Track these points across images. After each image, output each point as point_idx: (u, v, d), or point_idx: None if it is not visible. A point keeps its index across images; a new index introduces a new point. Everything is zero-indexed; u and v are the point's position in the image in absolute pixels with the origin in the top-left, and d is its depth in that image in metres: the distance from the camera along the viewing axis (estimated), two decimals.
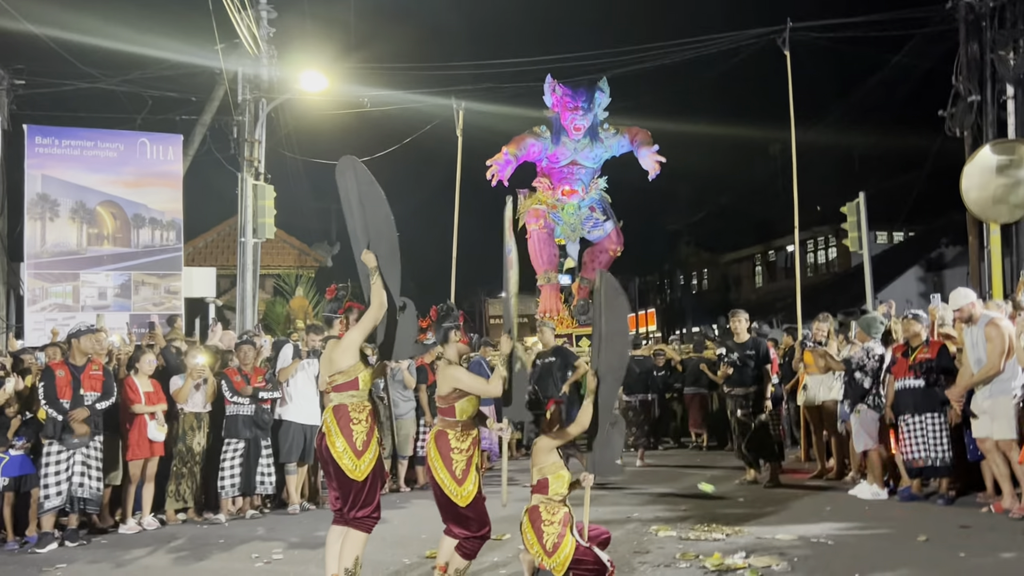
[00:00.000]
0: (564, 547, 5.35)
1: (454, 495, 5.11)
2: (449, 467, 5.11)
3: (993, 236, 13.70)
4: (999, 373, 7.46)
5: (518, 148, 17.09)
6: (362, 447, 4.99)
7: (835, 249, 36.29)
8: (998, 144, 13.33)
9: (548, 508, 5.45)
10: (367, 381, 5.14)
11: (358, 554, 4.99)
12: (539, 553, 5.38)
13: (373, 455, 5.03)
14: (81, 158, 15.46)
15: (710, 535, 6.84)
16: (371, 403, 5.19)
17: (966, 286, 9.55)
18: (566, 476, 5.51)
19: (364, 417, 5.07)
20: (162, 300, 15.58)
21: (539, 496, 5.53)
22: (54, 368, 7.69)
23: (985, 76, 13.95)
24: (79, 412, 7.49)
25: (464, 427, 5.22)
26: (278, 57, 16.03)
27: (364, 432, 5.02)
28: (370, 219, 5.36)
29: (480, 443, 5.30)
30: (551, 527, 5.37)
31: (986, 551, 6.09)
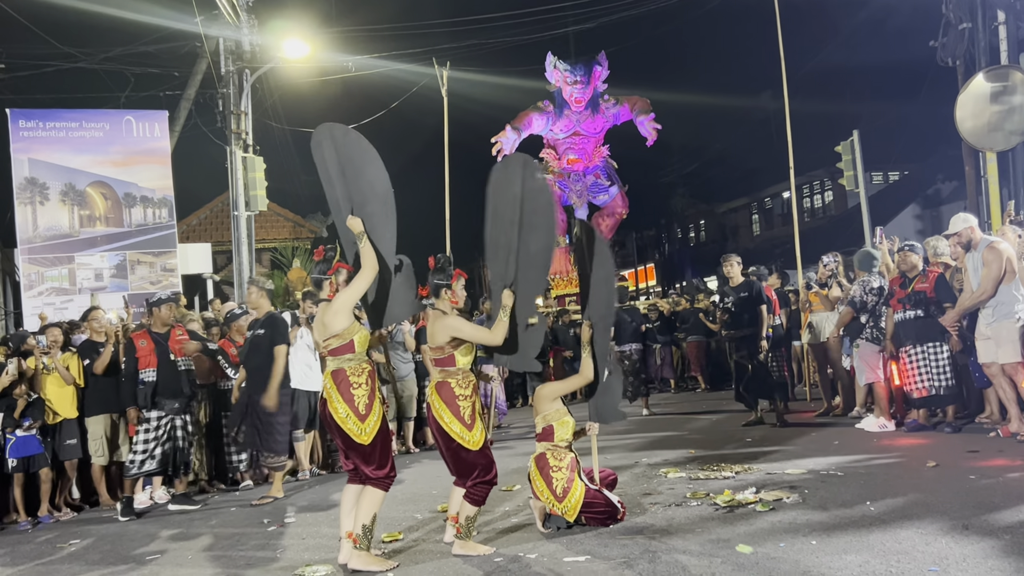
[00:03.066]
0: (574, 492, 5.42)
1: (465, 440, 5.05)
2: (457, 414, 5.06)
3: (990, 165, 13.58)
4: (991, 297, 7.43)
5: (521, 123, 17.94)
6: (365, 410, 4.89)
7: (831, 192, 36.18)
8: (991, 71, 13.16)
9: (555, 455, 5.53)
10: (363, 342, 5.03)
11: (375, 512, 4.94)
12: (550, 499, 5.42)
13: (377, 416, 4.94)
14: (67, 140, 15.30)
15: (719, 474, 6.85)
16: (369, 363, 5.07)
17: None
18: (570, 422, 5.59)
19: (364, 380, 4.95)
20: (159, 278, 15.51)
21: (545, 444, 5.60)
22: (135, 339, 7.86)
23: (975, 2, 13.74)
24: (190, 345, 7.99)
25: (464, 374, 5.19)
26: (259, 25, 15.83)
27: (365, 395, 4.92)
28: (352, 184, 5.25)
29: (477, 389, 5.27)
30: (559, 473, 5.45)
31: (995, 472, 6.10)
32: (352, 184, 5.27)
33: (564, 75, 17.84)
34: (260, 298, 7.95)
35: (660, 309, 16.12)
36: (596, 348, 5.71)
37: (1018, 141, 13.13)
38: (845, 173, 15.47)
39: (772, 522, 5.18)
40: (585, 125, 18.28)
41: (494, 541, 5.36)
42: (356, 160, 5.28)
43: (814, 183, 37.10)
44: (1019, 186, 13.72)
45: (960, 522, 4.78)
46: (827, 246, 13.53)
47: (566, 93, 17.88)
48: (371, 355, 5.25)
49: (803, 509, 5.46)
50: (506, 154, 17.41)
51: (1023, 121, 12.85)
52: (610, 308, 5.94)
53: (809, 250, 13.62)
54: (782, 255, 27.08)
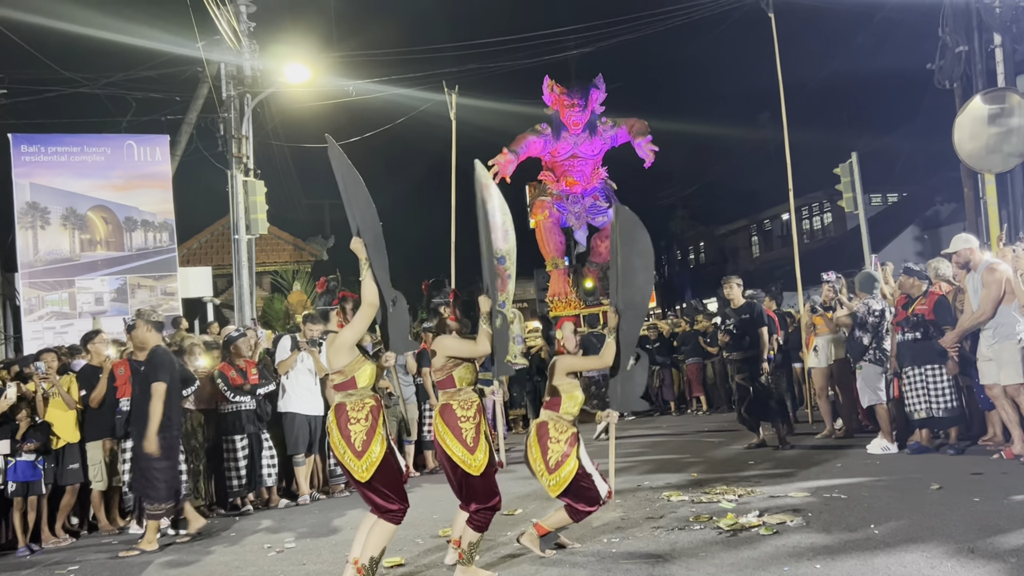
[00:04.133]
0: (566, 467, 5.40)
1: (467, 464, 4.98)
2: (459, 436, 5.02)
3: (989, 187, 13.64)
4: (990, 319, 7.43)
5: (518, 146, 17.92)
6: (361, 447, 4.77)
7: (830, 214, 36.22)
8: (988, 94, 13.24)
9: (557, 426, 5.51)
10: (366, 377, 4.94)
11: (384, 545, 4.88)
12: (541, 469, 5.44)
13: (377, 455, 4.79)
14: (68, 164, 15.34)
15: (722, 497, 6.82)
16: (374, 399, 4.96)
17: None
18: (579, 398, 5.58)
19: (363, 416, 4.84)
20: (159, 302, 15.47)
21: (549, 412, 5.57)
22: (115, 367, 8.03)
23: (972, 26, 13.84)
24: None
25: (466, 395, 5.15)
26: (260, 51, 15.95)
27: (363, 431, 4.80)
28: (355, 205, 5.23)
29: (484, 411, 5.23)
30: (556, 445, 5.44)
31: (999, 495, 6.07)
32: (355, 204, 5.24)
33: (562, 98, 17.85)
34: (146, 332, 7.34)
35: (660, 330, 16.15)
36: (621, 335, 5.64)
37: (1016, 163, 13.19)
38: (844, 195, 15.48)
39: (776, 546, 5.15)
40: (583, 147, 18.35)
41: (496, 566, 5.32)
42: (352, 183, 5.27)
43: (813, 205, 37.17)
44: (1018, 207, 13.76)
45: (965, 545, 4.75)
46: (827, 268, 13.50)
47: (564, 116, 17.92)
48: (376, 388, 5.13)
49: (807, 533, 5.43)
50: (503, 176, 17.50)
51: (1021, 143, 12.92)
52: (645, 297, 5.83)
53: (809, 272, 13.60)
54: (782, 277, 27.08)
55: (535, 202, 18.72)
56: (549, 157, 18.54)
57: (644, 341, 15.46)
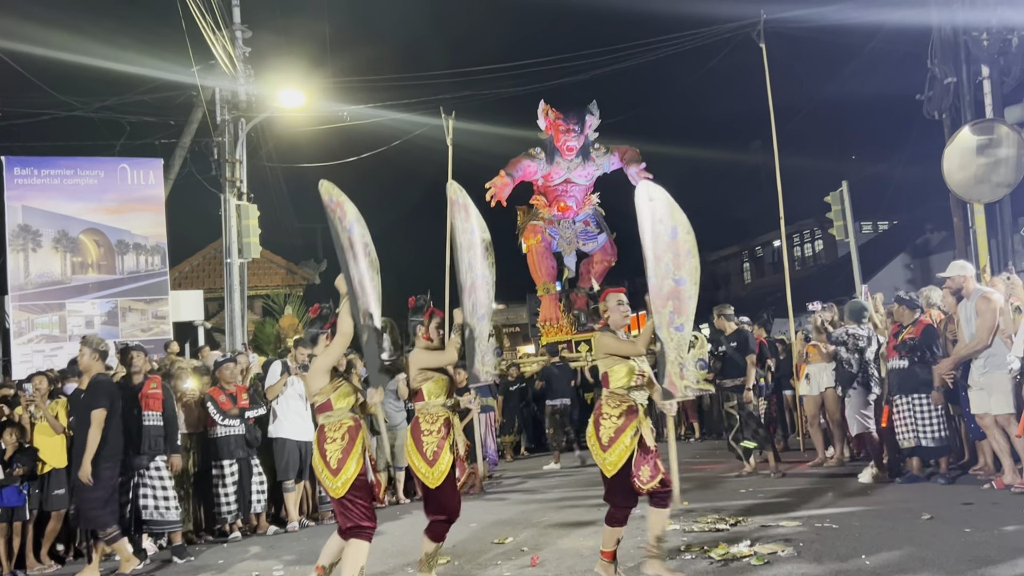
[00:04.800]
0: (619, 445, 5.13)
1: (424, 476, 5.21)
2: (420, 448, 5.23)
3: (978, 216, 13.74)
4: (987, 347, 7.45)
5: (514, 170, 17.81)
6: (336, 465, 4.93)
7: (821, 241, 36.39)
8: (977, 124, 13.38)
9: (610, 401, 5.28)
10: (342, 399, 5.09)
11: (361, 564, 4.92)
12: (595, 447, 5.24)
13: (352, 472, 4.93)
14: (61, 187, 15.35)
15: (714, 526, 6.80)
16: (352, 419, 5.09)
17: None
18: (625, 369, 5.28)
19: (339, 436, 5.00)
20: (150, 326, 15.45)
21: (602, 390, 5.39)
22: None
23: (960, 58, 14.01)
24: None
25: (434, 409, 5.33)
26: (255, 76, 16.02)
27: (339, 450, 4.96)
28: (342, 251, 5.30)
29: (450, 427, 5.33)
30: (608, 420, 5.20)
31: (991, 525, 6.06)
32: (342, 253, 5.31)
33: (557, 123, 17.80)
34: (92, 360, 7.09)
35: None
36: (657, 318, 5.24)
37: (1004, 193, 13.31)
38: (835, 223, 15.59)
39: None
40: (576, 173, 18.31)
41: None
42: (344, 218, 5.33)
43: (804, 232, 37.34)
44: (1006, 237, 13.86)
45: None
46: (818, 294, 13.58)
47: (558, 141, 17.87)
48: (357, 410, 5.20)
49: (798, 563, 5.41)
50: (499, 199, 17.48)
51: (1009, 173, 13.04)
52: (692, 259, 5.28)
53: (800, 298, 13.64)
54: (773, 303, 27.16)
55: (527, 226, 18.56)
56: (542, 181, 18.49)
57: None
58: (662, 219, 5.28)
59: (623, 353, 5.30)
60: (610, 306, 5.48)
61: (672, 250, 5.22)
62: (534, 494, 10.00)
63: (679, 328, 5.16)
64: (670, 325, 5.17)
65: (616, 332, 5.40)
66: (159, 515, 7.60)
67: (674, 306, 5.17)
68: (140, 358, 7.91)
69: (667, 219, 5.27)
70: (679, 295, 5.18)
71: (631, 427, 5.15)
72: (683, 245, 5.23)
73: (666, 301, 5.18)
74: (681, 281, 5.20)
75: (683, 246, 5.23)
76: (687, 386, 5.14)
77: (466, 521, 8.17)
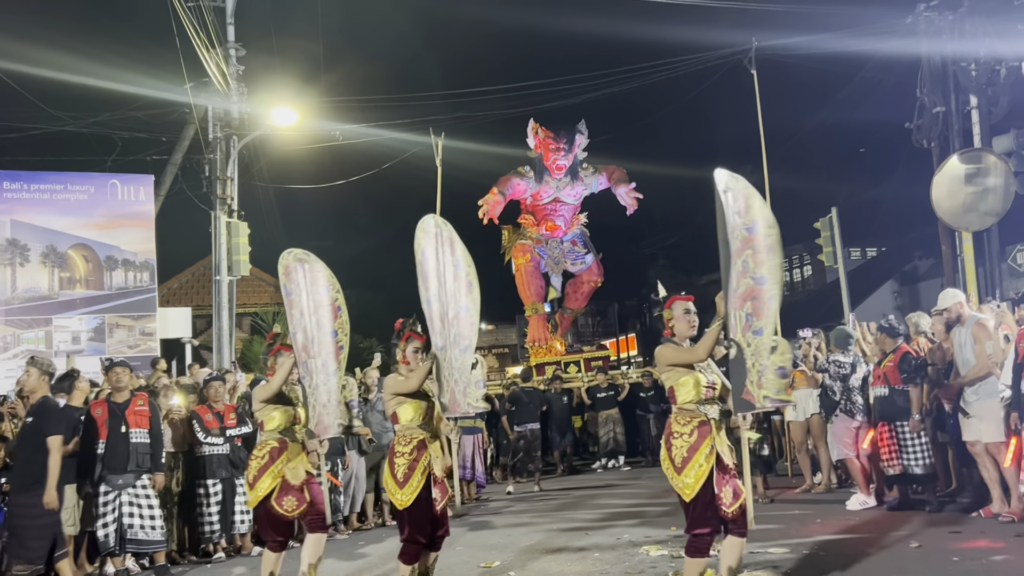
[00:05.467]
0: (694, 465, 4.70)
1: (393, 496, 5.29)
2: (392, 470, 5.31)
3: (966, 244, 13.86)
4: (989, 374, 7.47)
5: (505, 187, 17.68)
6: (252, 480, 5.70)
7: (810, 267, 36.55)
8: (965, 154, 13.52)
9: (679, 418, 4.88)
10: (273, 423, 5.80)
11: (270, 569, 5.77)
12: (669, 470, 4.82)
13: (264, 488, 5.64)
14: (51, 202, 15.29)
15: None
16: (276, 442, 5.76)
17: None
18: (691, 381, 4.86)
19: (262, 454, 5.73)
20: (137, 342, 15.36)
21: (673, 407, 4.97)
22: (92, 408, 7.82)
23: (949, 87, 14.17)
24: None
25: (408, 431, 5.40)
26: (248, 94, 16.03)
27: (256, 468, 5.70)
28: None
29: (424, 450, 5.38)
30: (680, 439, 4.79)
31: (978, 555, 6.06)
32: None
33: (547, 141, 17.67)
34: (39, 381, 6.77)
35: (654, 377, 15.79)
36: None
37: (992, 222, 13.43)
38: (824, 249, 15.69)
39: None
40: (565, 192, 18.18)
41: None
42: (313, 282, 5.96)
43: (793, 257, 37.48)
44: (994, 265, 13.97)
45: None
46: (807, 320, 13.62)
47: (548, 160, 17.73)
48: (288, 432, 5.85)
49: None
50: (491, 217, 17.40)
51: (997, 202, 13.17)
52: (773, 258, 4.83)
53: (789, 324, 13.65)
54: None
55: (515, 245, 18.39)
56: (531, 200, 18.34)
57: (638, 388, 15.35)
58: (739, 212, 4.84)
59: (683, 363, 4.90)
60: (675, 314, 5.09)
61: (751, 246, 4.78)
62: (521, 516, 9.94)
63: (758, 332, 4.69)
64: (747, 329, 4.72)
65: (681, 343, 5.00)
66: (144, 534, 7.52)
67: (752, 307, 4.73)
68: (125, 374, 7.83)
69: (745, 212, 4.82)
70: (758, 295, 4.73)
71: (705, 444, 4.74)
72: (764, 240, 4.77)
73: (743, 302, 4.75)
74: (761, 280, 4.74)
75: (764, 241, 4.77)
76: (766, 396, 4.67)
77: (452, 544, 8.11)
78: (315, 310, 5.94)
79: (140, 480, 7.59)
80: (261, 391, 5.85)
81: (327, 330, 5.90)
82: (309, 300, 5.94)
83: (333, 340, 5.88)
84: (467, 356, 5.58)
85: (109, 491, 7.50)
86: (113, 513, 7.46)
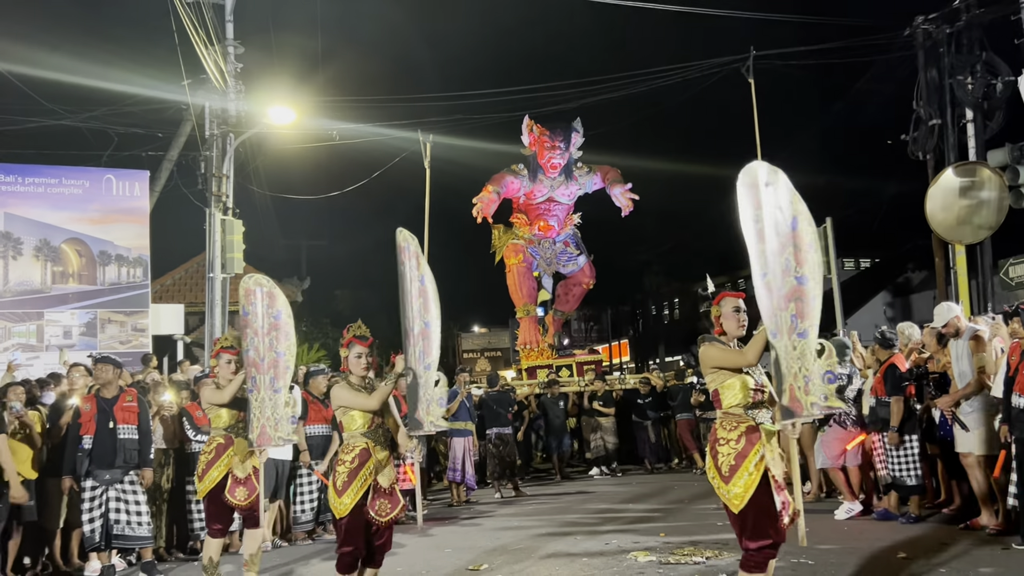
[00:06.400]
0: (743, 473, 4.45)
1: (334, 506, 5.24)
2: (334, 478, 5.28)
3: (959, 257, 13.92)
4: (983, 388, 7.49)
5: (499, 185, 17.38)
6: (201, 473, 6.40)
7: None
8: (960, 167, 13.59)
9: (725, 423, 4.64)
10: (221, 420, 6.50)
11: (210, 554, 6.46)
12: (716, 479, 4.58)
13: (211, 480, 6.33)
14: (45, 195, 15.23)
15: (690, 559, 6.77)
16: (222, 439, 6.43)
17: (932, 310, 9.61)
18: (739, 384, 4.63)
19: (210, 449, 6.45)
20: (129, 338, 15.31)
21: (718, 412, 4.74)
22: (82, 403, 7.72)
23: (945, 101, 14.24)
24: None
25: (352, 439, 5.33)
26: (245, 91, 15.98)
27: (204, 463, 6.41)
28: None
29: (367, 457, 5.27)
30: (727, 446, 4.55)
31: (965, 567, 6.08)
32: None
33: (542, 139, 17.31)
34: None
35: (652, 384, 15.45)
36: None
37: (986, 235, 13.49)
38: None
39: None
40: (559, 191, 17.81)
41: None
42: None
43: None
44: (987, 278, 14.03)
45: None
46: None
47: (543, 158, 17.38)
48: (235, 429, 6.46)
49: None
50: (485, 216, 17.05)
51: (991, 216, 13.23)
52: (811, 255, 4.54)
53: None
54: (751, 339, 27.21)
55: (507, 245, 17.97)
56: (524, 199, 17.97)
57: (635, 395, 15.19)
58: (781, 207, 4.57)
59: (731, 365, 4.64)
60: (724, 312, 4.80)
61: (792, 243, 4.53)
62: (510, 520, 9.93)
63: (802, 334, 4.43)
64: (792, 331, 4.46)
65: (729, 344, 4.77)
66: (131, 530, 7.48)
67: (796, 308, 4.46)
68: (108, 370, 7.75)
69: (787, 207, 4.57)
70: (802, 296, 4.47)
71: (755, 451, 4.49)
72: (805, 237, 4.53)
73: (787, 303, 4.49)
74: (804, 279, 4.48)
75: (805, 238, 4.53)
76: (813, 403, 4.40)
77: (441, 546, 8.13)
78: (268, 331, 6.35)
79: (128, 476, 7.55)
80: (213, 396, 6.49)
81: (278, 350, 6.34)
82: (263, 322, 6.35)
83: (282, 360, 6.33)
84: (430, 373, 5.48)
85: (96, 486, 7.45)
86: (100, 508, 7.42)
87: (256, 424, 6.20)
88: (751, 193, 4.64)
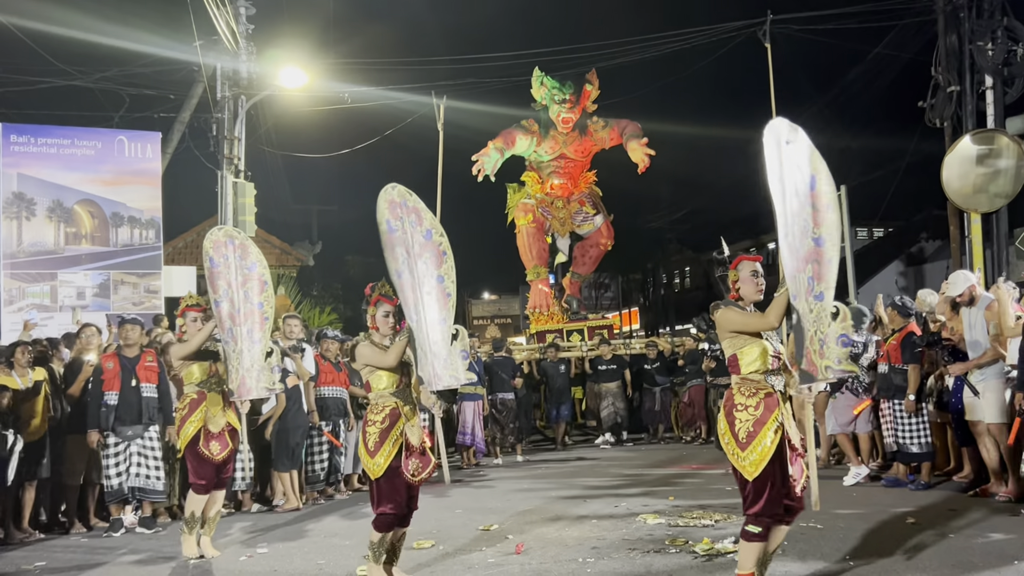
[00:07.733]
0: (760, 441, 4.37)
1: (368, 466, 5.22)
2: (364, 439, 5.23)
3: (974, 226, 13.79)
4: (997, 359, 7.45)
5: (504, 142, 16.59)
6: (177, 429, 6.55)
7: None
8: (978, 134, 13.41)
9: (743, 389, 4.55)
10: (192, 376, 6.49)
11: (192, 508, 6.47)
12: (731, 445, 4.51)
13: (188, 435, 6.38)
14: (58, 156, 15.22)
15: (699, 522, 6.82)
16: (196, 394, 6.45)
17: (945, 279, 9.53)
18: (758, 350, 4.55)
19: (184, 405, 6.50)
20: (142, 299, 15.37)
21: (733, 377, 4.65)
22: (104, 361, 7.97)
23: (964, 67, 14.02)
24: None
25: (380, 400, 5.28)
26: (257, 53, 15.90)
27: (179, 419, 6.53)
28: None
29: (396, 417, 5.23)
30: (745, 412, 4.47)
31: (974, 532, 6.09)
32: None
33: (552, 92, 16.52)
34: None
35: (660, 348, 14.87)
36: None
37: (1002, 204, 13.35)
38: None
39: None
40: (572, 147, 16.94)
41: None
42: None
43: None
44: (1002, 247, 13.91)
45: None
46: None
47: (553, 112, 16.59)
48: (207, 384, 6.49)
49: (782, 561, 5.42)
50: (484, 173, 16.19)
51: (1008, 184, 13.08)
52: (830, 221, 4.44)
53: None
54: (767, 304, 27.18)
55: (518, 205, 17.15)
56: (534, 156, 17.10)
57: (643, 360, 14.61)
58: (800, 166, 4.45)
59: (751, 329, 4.55)
60: (742, 276, 4.69)
61: (811, 203, 4.42)
62: (521, 483, 10.01)
63: (819, 297, 4.35)
64: (809, 293, 4.38)
65: (745, 308, 4.68)
66: (149, 484, 7.75)
67: (814, 271, 4.36)
68: (135, 331, 7.98)
69: (805, 166, 4.44)
70: (819, 257, 4.37)
71: (772, 418, 4.41)
72: (823, 198, 4.42)
73: (804, 265, 4.39)
74: (821, 241, 4.37)
75: (823, 199, 4.42)
76: (828, 367, 4.33)
77: (452, 507, 8.20)
78: (243, 283, 6.44)
79: (147, 432, 7.80)
80: (179, 349, 6.49)
81: (254, 301, 6.42)
82: (237, 274, 6.43)
83: (259, 310, 6.42)
84: (444, 327, 5.34)
85: (119, 442, 7.70)
86: (125, 463, 7.68)
87: (235, 375, 6.30)
88: (775, 151, 4.51)
